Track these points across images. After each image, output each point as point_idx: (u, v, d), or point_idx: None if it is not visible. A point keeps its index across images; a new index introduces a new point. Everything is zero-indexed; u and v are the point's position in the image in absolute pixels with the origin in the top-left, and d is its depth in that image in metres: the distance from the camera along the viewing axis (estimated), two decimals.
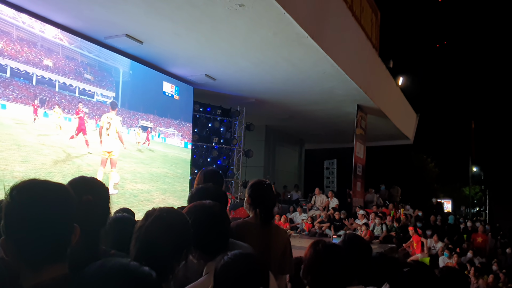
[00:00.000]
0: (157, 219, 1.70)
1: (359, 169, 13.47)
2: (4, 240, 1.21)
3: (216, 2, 6.61)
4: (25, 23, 7.35)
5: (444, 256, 9.92)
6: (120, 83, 9.58)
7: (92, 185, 1.88)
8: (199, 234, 1.82)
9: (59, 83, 8.17)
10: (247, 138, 13.79)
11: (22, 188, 1.23)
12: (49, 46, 7.94)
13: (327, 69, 9.60)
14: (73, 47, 8.43)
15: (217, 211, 1.96)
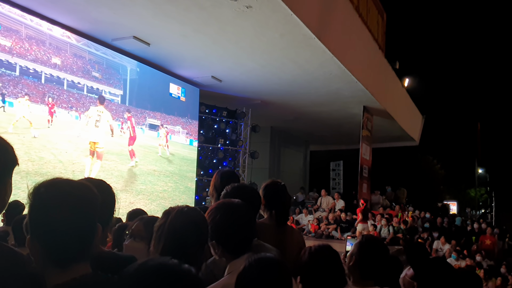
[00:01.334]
0: (179, 214, 1.70)
1: (365, 171, 13.43)
2: (30, 239, 1.21)
3: (223, 4, 6.62)
4: (33, 21, 7.38)
5: (451, 258, 9.87)
6: (127, 81, 9.60)
7: (99, 189, 1.89)
8: (224, 231, 1.83)
9: (67, 81, 8.19)
10: (253, 139, 13.79)
11: (47, 187, 1.22)
12: (57, 44, 7.98)
13: (334, 71, 9.59)
14: (81, 45, 8.45)
15: (244, 210, 1.94)
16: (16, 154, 1.33)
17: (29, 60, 7.42)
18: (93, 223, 1.26)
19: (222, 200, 2.05)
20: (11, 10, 6.95)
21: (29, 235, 1.21)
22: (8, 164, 1.31)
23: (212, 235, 1.83)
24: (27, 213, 1.22)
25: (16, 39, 7.14)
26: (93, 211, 1.26)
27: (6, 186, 1.31)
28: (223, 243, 1.86)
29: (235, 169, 13.02)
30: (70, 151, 8.01)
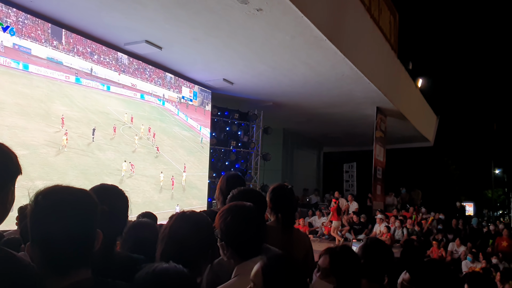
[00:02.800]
0: (180, 218, 1.72)
1: (379, 172, 13.34)
2: (29, 246, 1.23)
3: (234, 7, 6.64)
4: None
5: (467, 261, 9.74)
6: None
7: (111, 194, 1.91)
8: (235, 233, 1.84)
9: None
10: (265, 141, 13.79)
11: (46, 194, 1.24)
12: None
13: (346, 72, 9.55)
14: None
15: (255, 213, 1.94)
16: (19, 163, 1.36)
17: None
18: (92, 229, 1.28)
19: (234, 202, 2.05)
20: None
21: (29, 241, 1.23)
22: (11, 172, 1.33)
23: (222, 236, 1.84)
24: (28, 220, 1.25)
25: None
26: (91, 218, 1.28)
27: (9, 194, 1.33)
28: (233, 245, 1.86)
29: (247, 171, 13.05)
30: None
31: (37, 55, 7.29)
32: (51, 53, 7.53)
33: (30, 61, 7.19)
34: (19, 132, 6.86)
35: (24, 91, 7.09)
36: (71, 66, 7.92)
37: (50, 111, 7.46)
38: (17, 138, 6.79)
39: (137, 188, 8.90)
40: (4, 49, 6.77)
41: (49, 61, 7.50)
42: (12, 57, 6.91)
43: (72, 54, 7.90)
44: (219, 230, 1.83)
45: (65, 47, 7.76)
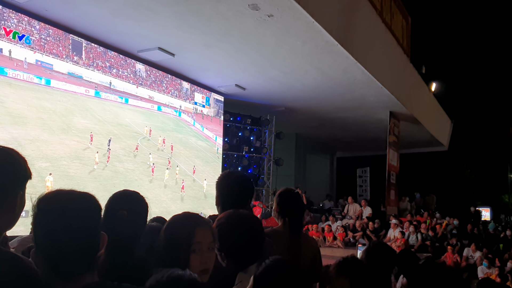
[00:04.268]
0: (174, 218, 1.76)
1: (393, 177, 13.23)
2: (34, 252, 1.24)
3: (245, 14, 6.69)
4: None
5: (483, 266, 9.60)
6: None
7: (131, 200, 1.95)
8: (230, 243, 1.83)
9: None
10: (277, 146, 13.78)
11: (47, 200, 1.24)
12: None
13: (358, 76, 9.53)
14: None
15: (252, 222, 1.93)
16: (28, 167, 1.38)
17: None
18: (95, 234, 1.28)
19: (230, 211, 2.03)
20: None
21: (33, 248, 1.25)
22: (20, 176, 1.36)
23: (219, 246, 1.81)
24: (31, 226, 1.26)
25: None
26: (94, 221, 1.28)
27: (17, 198, 1.35)
28: (230, 255, 1.85)
29: (259, 176, 13.05)
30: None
31: (58, 70, 7.57)
32: (72, 68, 7.81)
33: (52, 77, 7.46)
34: (42, 145, 7.05)
35: (46, 105, 7.34)
36: (91, 80, 8.20)
37: (71, 125, 7.70)
38: (39, 151, 6.99)
39: (154, 198, 9.12)
40: (27, 65, 7.03)
41: (70, 76, 7.79)
42: (35, 73, 7.18)
43: (92, 69, 8.17)
44: (216, 239, 1.79)
45: (85, 62, 8.02)
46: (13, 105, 6.83)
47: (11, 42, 6.76)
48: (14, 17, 6.81)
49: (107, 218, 1.72)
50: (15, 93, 6.89)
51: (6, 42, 6.69)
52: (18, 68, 6.91)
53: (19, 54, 6.91)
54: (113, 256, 1.74)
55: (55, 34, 7.42)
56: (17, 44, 6.87)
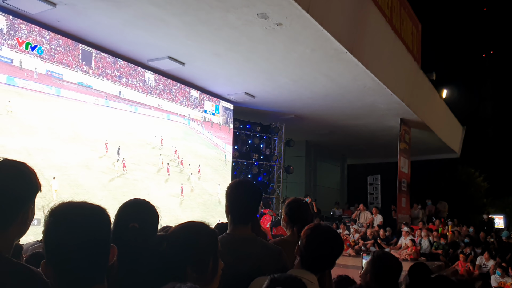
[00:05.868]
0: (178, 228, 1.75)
1: (404, 185, 13.13)
2: (44, 264, 1.26)
3: (254, 23, 6.72)
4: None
5: (496, 275, 9.45)
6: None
7: (142, 209, 1.95)
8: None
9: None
10: (287, 154, 13.78)
11: (58, 212, 1.26)
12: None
13: (368, 83, 9.50)
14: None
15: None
16: (38, 180, 1.41)
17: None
18: (105, 246, 1.29)
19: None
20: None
21: (45, 259, 1.26)
22: (30, 190, 1.39)
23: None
24: (42, 238, 1.28)
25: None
26: (103, 234, 1.29)
27: (29, 211, 1.39)
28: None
29: (269, 184, 13.03)
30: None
31: (68, 80, 7.62)
32: (82, 77, 7.87)
33: (62, 86, 7.52)
34: (51, 155, 7.11)
35: (56, 115, 7.42)
36: (101, 90, 8.25)
37: (80, 134, 7.76)
38: (49, 160, 7.03)
39: (164, 207, 9.06)
40: (38, 75, 7.11)
41: (80, 85, 7.84)
42: (45, 82, 7.25)
43: (101, 78, 8.22)
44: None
45: (95, 72, 8.09)
46: (24, 114, 6.91)
47: (22, 53, 6.84)
48: (25, 28, 6.92)
49: (117, 227, 1.73)
50: (25, 102, 6.97)
51: (17, 53, 6.77)
52: (28, 78, 6.97)
53: (30, 64, 6.99)
54: (124, 267, 1.75)
55: (65, 44, 7.52)
56: (28, 54, 6.98)
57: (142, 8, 6.49)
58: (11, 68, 6.74)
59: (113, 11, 6.62)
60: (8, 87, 6.72)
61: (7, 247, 1.36)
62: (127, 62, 8.72)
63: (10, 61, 6.74)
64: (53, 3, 6.37)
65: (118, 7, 6.48)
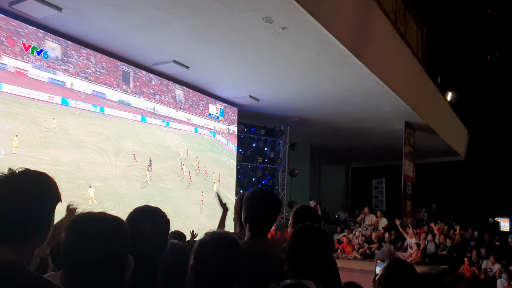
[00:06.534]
0: (203, 244, 1.71)
1: (409, 188, 13.08)
2: (62, 274, 1.26)
3: (259, 27, 6.74)
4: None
5: (502, 279, 9.39)
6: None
7: (154, 215, 1.95)
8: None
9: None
10: (292, 157, 13.76)
11: (76, 224, 1.28)
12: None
13: (373, 87, 9.49)
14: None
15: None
16: (59, 191, 1.42)
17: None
18: (123, 258, 1.30)
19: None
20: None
21: (62, 269, 1.27)
22: (51, 201, 1.40)
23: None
24: (61, 249, 1.29)
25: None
26: (122, 246, 1.30)
27: (50, 222, 1.40)
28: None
29: (274, 187, 13.02)
30: None
31: (110, 98, 8.46)
32: (122, 96, 8.68)
33: (105, 105, 8.34)
34: (96, 167, 7.84)
35: (100, 130, 8.21)
36: (138, 107, 9.07)
37: (120, 147, 8.51)
38: (94, 172, 7.76)
39: (192, 215, 9.59)
40: (85, 95, 7.95)
41: (120, 103, 8.66)
42: (91, 102, 8.09)
43: (138, 96, 9.04)
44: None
45: (133, 90, 8.89)
46: (74, 131, 7.72)
47: (72, 76, 7.65)
48: (75, 54, 7.68)
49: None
50: (75, 120, 7.79)
51: (69, 76, 7.59)
52: (77, 98, 7.82)
53: (79, 86, 7.83)
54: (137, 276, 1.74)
55: (107, 67, 8.29)
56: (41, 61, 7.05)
57: (147, 13, 6.52)
58: (64, 90, 7.57)
59: (118, 15, 6.66)
60: (63, 107, 7.58)
61: (26, 259, 1.36)
62: (132, 66, 8.76)
63: (63, 84, 7.56)
64: (59, 8, 6.41)
65: (123, 11, 6.52)
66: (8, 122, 6.61)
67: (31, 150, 6.80)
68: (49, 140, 7.15)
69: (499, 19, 21.17)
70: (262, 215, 2.27)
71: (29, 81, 6.98)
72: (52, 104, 7.40)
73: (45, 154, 6.95)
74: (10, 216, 1.30)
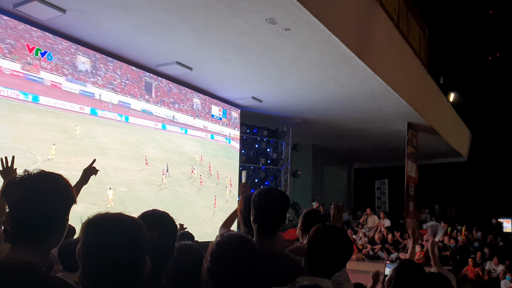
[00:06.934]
0: (221, 246, 1.70)
1: (412, 189, 13.07)
2: (81, 274, 1.27)
3: (262, 28, 6.75)
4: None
5: (506, 280, 9.38)
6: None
7: (162, 220, 1.94)
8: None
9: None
10: (294, 158, 13.77)
11: (95, 225, 1.28)
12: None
13: (375, 88, 9.49)
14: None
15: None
16: (74, 193, 1.42)
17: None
18: (140, 258, 1.30)
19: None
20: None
21: (80, 269, 1.28)
22: (67, 203, 1.41)
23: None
24: (79, 250, 1.29)
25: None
26: (139, 246, 1.31)
27: (65, 223, 1.41)
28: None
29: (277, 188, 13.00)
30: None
31: (134, 108, 9.03)
32: (145, 105, 9.26)
33: (130, 114, 8.92)
34: (121, 173, 8.37)
35: (124, 138, 8.80)
36: (159, 115, 9.60)
37: (142, 154, 9.03)
38: (119, 177, 8.28)
39: (208, 219, 9.87)
40: (112, 106, 8.51)
41: (143, 112, 9.23)
42: (117, 111, 8.65)
43: (159, 105, 9.58)
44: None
45: (155, 100, 9.44)
46: (101, 139, 8.27)
47: (100, 87, 8.21)
48: (103, 67, 8.16)
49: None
50: (103, 129, 8.35)
51: (97, 88, 8.15)
52: (105, 108, 8.37)
53: (106, 97, 8.37)
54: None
55: (132, 78, 8.82)
56: (43, 61, 7.08)
57: (151, 14, 6.54)
58: (93, 101, 8.12)
59: (122, 17, 6.68)
60: (92, 116, 8.15)
61: (43, 260, 1.37)
62: (135, 67, 8.79)
63: (92, 95, 8.13)
64: (62, 9, 6.43)
65: (127, 13, 6.53)
66: (44, 132, 7.19)
67: (64, 157, 7.34)
68: (79, 147, 7.70)
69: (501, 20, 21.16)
70: (272, 214, 2.25)
71: (63, 93, 7.56)
72: (83, 114, 7.97)
73: (76, 161, 7.45)
74: (29, 217, 1.31)
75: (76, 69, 7.71)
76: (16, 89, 6.85)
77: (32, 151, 6.83)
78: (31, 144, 6.85)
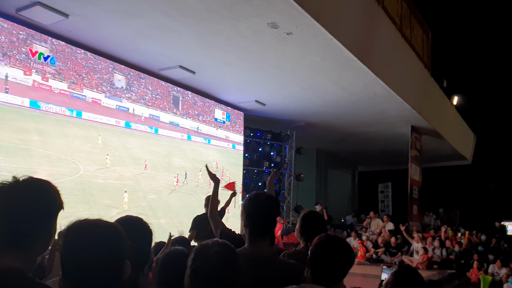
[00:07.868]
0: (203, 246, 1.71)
1: (415, 192, 13.03)
2: (61, 279, 1.28)
3: (265, 32, 6.77)
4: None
5: (509, 283, 9.32)
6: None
7: (136, 227, 1.93)
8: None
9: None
10: (298, 161, 13.76)
11: (75, 230, 1.30)
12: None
13: (378, 91, 9.49)
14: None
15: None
16: (62, 199, 1.43)
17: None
18: (120, 262, 1.32)
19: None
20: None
21: (61, 275, 1.29)
22: (55, 209, 1.41)
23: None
24: (59, 255, 1.31)
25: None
26: (118, 251, 1.32)
27: (53, 230, 1.41)
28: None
29: (280, 191, 13.02)
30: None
31: (163, 120, 9.63)
32: (172, 118, 9.84)
33: (159, 126, 9.53)
34: (151, 181, 8.90)
35: (154, 149, 9.37)
36: (184, 127, 10.19)
37: (170, 163, 9.57)
38: (149, 185, 8.78)
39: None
40: (144, 119, 9.11)
41: (171, 124, 9.82)
42: (148, 124, 9.30)
43: (185, 117, 10.15)
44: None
45: (181, 112, 10.01)
46: (134, 150, 8.88)
47: (134, 102, 8.81)
48: (136, 83, 8.81)
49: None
50: (135, 141, 8.99)
51: (131, 103, 8.76)
52: (138, 121, 9.00)
53: (138, 111, 9.00)
54: None
55: (161, 92, 9.42)
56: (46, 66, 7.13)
57: (154, 19, 6.57)
58: (127, 115, 8.75)
59: (125, 21, 6.71)
60: (126, 129, 8.77)
61: (30, 266, 1.37)
62: (139, 71, 8.82)
63: (127, 109, 8.74)
64: (65, 14, 6.47)
65: (130, 18, 6.57)
66: (85, 144, 7.82)
67: (101, 167, 7.96)
68: (115, 158, 8.23)
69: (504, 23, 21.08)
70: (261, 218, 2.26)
71: (102, 109, 8.21)
72: (118, 127, 8.59)
73: (112, 170, 8.06)
74: (16, 223, 1.31)
75: (113, 86, 8.37)
76: (63, 105, 7.54)
77: (75, 161, 7.46)
78: (75, 155, 7.51)
